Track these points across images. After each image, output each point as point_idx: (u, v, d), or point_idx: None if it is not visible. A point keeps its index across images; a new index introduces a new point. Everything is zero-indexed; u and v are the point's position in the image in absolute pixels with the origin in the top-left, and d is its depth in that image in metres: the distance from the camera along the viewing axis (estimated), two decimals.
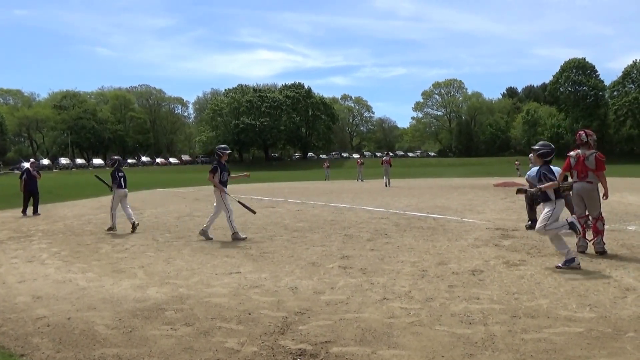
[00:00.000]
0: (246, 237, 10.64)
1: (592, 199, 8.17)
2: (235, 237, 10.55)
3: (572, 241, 8.84)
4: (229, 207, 10.81)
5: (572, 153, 8.42)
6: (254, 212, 11.99)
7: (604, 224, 8.22)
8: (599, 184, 8.22)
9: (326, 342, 4.62)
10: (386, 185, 30.28)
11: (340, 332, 4.86)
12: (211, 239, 10.68)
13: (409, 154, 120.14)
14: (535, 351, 4.26)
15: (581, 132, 8.50)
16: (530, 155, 34.85)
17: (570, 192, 8.54)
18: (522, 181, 29.04)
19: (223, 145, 11.70)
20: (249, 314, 5.54)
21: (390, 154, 47.41)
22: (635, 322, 4.90)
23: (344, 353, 4.36)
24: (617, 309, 5.30)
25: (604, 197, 8.27)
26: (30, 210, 17.12)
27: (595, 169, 8.13)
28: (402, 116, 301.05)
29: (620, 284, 6.29)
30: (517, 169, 44.52)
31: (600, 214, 8.18)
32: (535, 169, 11.28)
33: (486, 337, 4.62)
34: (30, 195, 17.37)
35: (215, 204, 11.02)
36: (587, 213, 8.25)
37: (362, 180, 37.46)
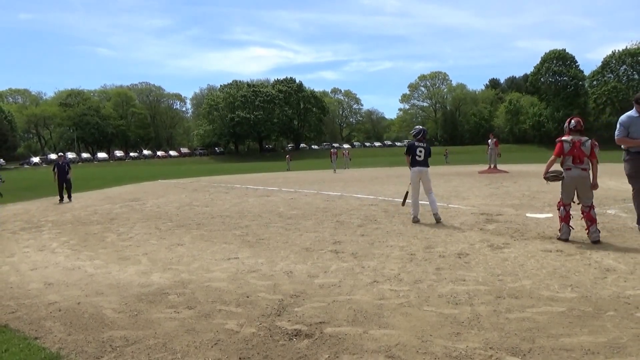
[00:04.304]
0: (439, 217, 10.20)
1: (587, 186, 7.73)
2: (437, 218, 10.16)
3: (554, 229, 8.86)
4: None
5: (565, 138, 7.81)
6: None
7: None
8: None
9: (320, 322, 4.63)
10: (334, 172, 35.14)
11: (334, 314, 4.86)
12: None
13: (396, 143, 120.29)
14: (519, 330, 4.27)
15: (579, 119, 7.90)
16: (489, 140, 33.86)
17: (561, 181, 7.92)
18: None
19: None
20: (247, 297, 5.53)
21: (336, 145, 55.19)
22: (615, 301, 4.90)
23: (337, 333, 4.36)
24: (597, 289, 5.30)
25: (593, 188, 7.74)
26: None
27: (589, 155, 7.71)
28: (390, 107, 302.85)
29: (601, 265, 6.28)
30: (445, 155, 44.38)
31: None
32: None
33: (472, 316, 4.63)
34: (64, 183, 18.26)
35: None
36: (575, 201, 7.80)
37: (348, 168, 40.99)
